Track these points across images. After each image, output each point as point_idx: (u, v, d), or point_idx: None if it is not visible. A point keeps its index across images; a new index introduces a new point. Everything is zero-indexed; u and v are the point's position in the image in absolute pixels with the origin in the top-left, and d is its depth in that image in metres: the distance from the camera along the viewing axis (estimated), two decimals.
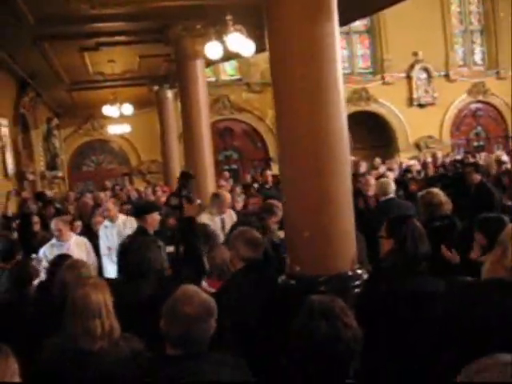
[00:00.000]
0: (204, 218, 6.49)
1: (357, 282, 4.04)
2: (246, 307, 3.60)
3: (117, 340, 2.77)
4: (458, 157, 11.93)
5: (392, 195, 6.70)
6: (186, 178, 5.11)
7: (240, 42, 6.77)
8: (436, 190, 5.57)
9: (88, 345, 2.70)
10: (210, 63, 11.38)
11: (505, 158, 10.14)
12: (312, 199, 3.93)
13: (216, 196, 6.92)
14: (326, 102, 3.92)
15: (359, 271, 4.11)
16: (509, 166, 9.16)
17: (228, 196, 7.03)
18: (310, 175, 3.91)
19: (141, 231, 5.44)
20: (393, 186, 6.82)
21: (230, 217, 6.82)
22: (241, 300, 3.68)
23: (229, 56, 9.28)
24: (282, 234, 5.11)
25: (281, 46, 4.01)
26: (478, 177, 7.72)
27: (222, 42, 7.08)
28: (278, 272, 4.23)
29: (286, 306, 3.85)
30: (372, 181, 8.44)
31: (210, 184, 9.23)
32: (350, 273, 4.07)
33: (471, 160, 10.60)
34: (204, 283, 4.18)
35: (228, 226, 6.28)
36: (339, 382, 2.11)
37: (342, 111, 4.03)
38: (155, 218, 5.61)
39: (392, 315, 3.17)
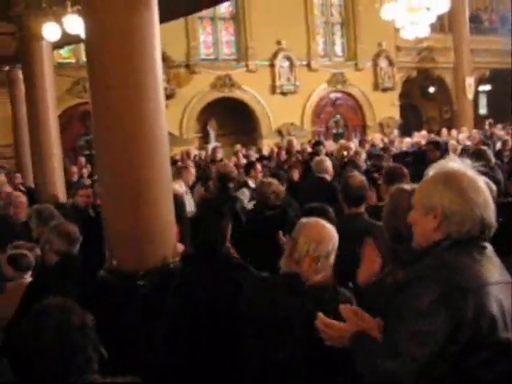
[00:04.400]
0: None
1: None
2: None
3: None
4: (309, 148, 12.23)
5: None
6: None
7: (78, 25, 6.46)
8: (271, 179, 5.68)
9: None
10: (63, 44, 10.86)
11: (352, 145, 10.70)
12: (129, 190, 3.84)
13: None
14: (143, 92, 3.83)
15: (180, 263, 4.09)
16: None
17: None
18: (125, 166, 3.81)
19: None
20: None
21: None
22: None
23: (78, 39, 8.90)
24: None
25: (96, 30, 3.85)
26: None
27: (61, 24, 6.73)
28: None
29: (104, 302, 3.76)
30: None
31: (57, 172, 8.83)
32: (171, 265, 4.04)
33: (322, 149, 10.96)
34: None
35: None
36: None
37: (161, 101, 3.96)
38: None
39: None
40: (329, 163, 7.06)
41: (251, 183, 7.30)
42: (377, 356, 1.87)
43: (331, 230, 2.79)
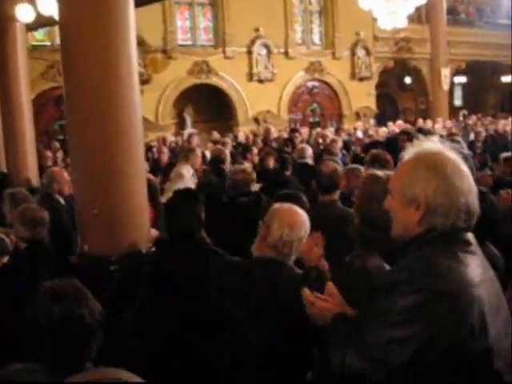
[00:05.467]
0: None
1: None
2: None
3: None
4: (285, 135, 12.32)
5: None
6: None
7: (53, 6, 6.33)
8: (244, 166, 5.69)
9: None
10: (37, 26, 10.67)
11: (328, 133, 10.85)
12: (101, 175, 3.83)
13: None
14: (117, 76, 3.80)
15: (153, 249, 4.09)
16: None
17: None
18: (98, 151, 3.79)
19: None
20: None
21: None
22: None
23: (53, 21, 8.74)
24: None
25: (70, 12, 3.80)
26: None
27: (35, 5, 6.61)
28: None
29: None
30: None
31: (30, 156, 8.73)
32: (144, 251, 4.04)
33: (298, 136, 11.02)
34: None
35: None
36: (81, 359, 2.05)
37: (135, 86, 3.93)
38: None
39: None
40: (310, 151, 7.23)
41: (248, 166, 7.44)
42: (347, 349, 1.80)
43: (303, 216, 2.83)
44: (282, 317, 2.36)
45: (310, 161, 7.23)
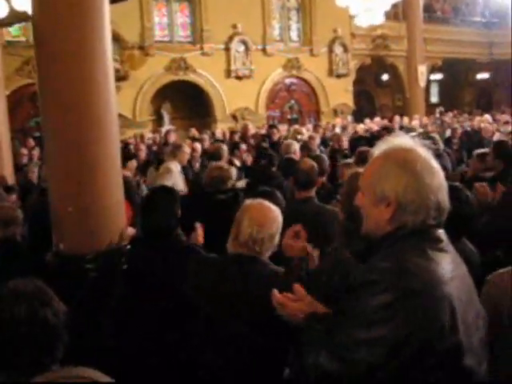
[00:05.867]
0: None
1: None
2: None
3: None
4: (263, 131, 12.35)
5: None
6: None
7: (27, 1, 6.24)
8: (222, 164, 5.67)
9: None
10: (11, 21, 10.51)
11: (304, 130, 10.92)
12: (76, 172, 3.77)
13: None
14: (91, 71, 3.75)
15: (129, 246, 4.06)
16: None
17: None
18: (73, 147, 3.74)
19: None
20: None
21: None
22: None
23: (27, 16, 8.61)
24: None
25: (43, 7, 3.74)
26: None
27: (8, 0, 6.51)
28: None
29: (51, 286, 3.68)
30: None
31: (5, 153, 8.59)
32: (120, 248, 4.00)
33: (275, 132, 11.04)
34: None
35: None
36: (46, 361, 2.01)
37: (110, 81, 3.89)
38: None
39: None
40: (296, 146, 7.27)
41: (237, 162, 7.49)
42: (320, 350, 1.77)
43: (275, 212, 2.80)
44: (256, 313, 2.35)
45: (295, 156, 7.25)
